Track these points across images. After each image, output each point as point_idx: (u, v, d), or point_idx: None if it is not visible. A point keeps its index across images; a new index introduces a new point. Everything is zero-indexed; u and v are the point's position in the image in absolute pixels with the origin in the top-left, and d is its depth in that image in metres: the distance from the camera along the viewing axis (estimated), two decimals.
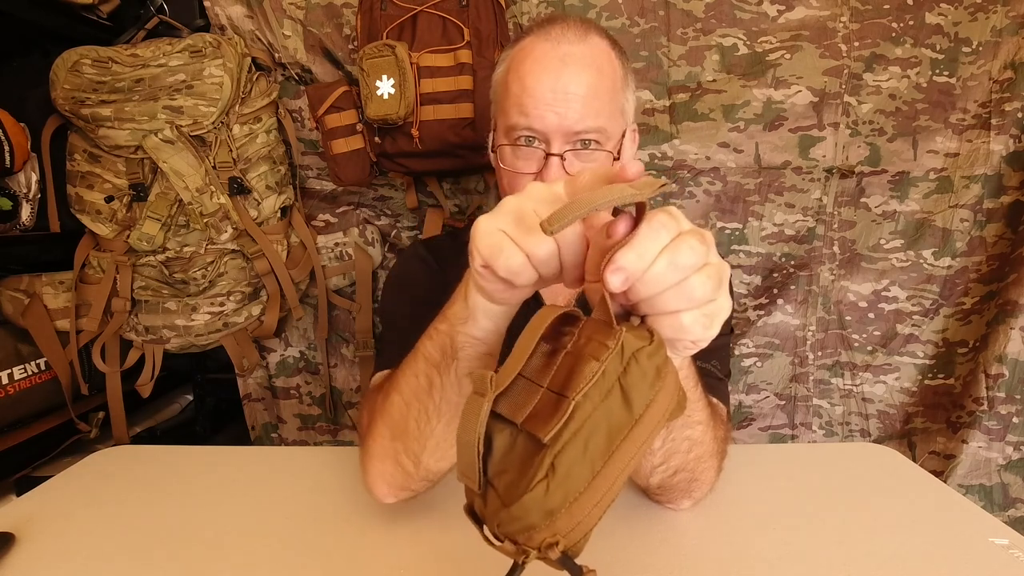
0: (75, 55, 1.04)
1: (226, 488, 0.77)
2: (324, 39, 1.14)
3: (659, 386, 0.30)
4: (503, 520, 0.28)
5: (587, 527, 0.28)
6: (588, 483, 0.28)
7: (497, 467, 0.30)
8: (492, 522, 0.29)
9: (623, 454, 0.28)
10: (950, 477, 1.17)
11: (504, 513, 0.28)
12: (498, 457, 0.30)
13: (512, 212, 0.38)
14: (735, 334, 1.23)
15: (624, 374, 0.29)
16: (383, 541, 0.64)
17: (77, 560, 0.62)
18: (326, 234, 1.25)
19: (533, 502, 0.27)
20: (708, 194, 1.19)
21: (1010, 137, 1.12)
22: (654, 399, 0.29)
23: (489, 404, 0.29)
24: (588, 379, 0.28)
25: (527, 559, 0.28)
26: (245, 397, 1.33)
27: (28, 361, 1.10)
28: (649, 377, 0.29)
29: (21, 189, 1.08)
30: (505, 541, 0.29)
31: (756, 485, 0.75)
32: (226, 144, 1.09)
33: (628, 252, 0.31)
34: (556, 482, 0.27)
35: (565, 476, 0.27)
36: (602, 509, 0.28)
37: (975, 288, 1.18)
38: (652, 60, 1.15)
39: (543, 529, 0.27)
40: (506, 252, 0.37)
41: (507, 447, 0.30)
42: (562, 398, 0.29)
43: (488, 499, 0.30)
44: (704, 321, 0.33)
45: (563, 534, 0.27)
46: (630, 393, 0.29)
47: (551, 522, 0.27)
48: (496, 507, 0.29)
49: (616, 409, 0.29)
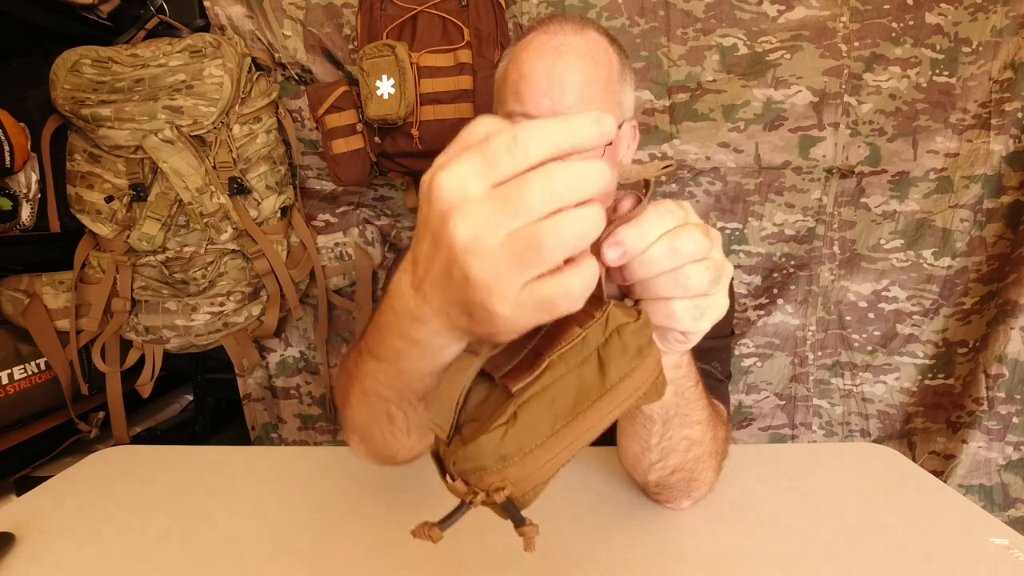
0: (75, 55, 1.04)
1: (226, 488, 0.77)
2: (324, 39, 1.14)
3: (636, 363, 0.30)
4: (459, 458, 0.29)
5: (536, 480, 0.29)
6: (546, 438, 0.29)
7: (468, 416, 0.31)
8: (450, 460, 0.30)
9: (586, 419, 0.29)
10: (950, 477, 1.17)
11: (460, 452, 0.29)
12: (471, 408, 0.31)
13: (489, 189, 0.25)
14: (735, 334, 1.23)
15: (604, 345, 0.30)
16: (383, 541, 0.64)
17: (77, 560, 0.62)
18: (326, 234, 1.25)
19: (489, 443, 0.28)
20: (708, 194, 1.19)
21: (1010, 137, 1.12)
22: (629, 375, 0.30)
23: (480, 363, 0.30)
24: (567, 342, 0.29)
25: (475, 500, 0.29)
26: (245, 397, 1.33)
27: (28, 361, 1.10)
28: (628, 352, 0.30)
29: (21, 189, 1.08)
30: (457, 480, 0.29)
31: (756, 485, 0.75)
32: (226, 144, 1.09)
33: (629, 229, 0.31)
34: (515, 430, 0.28)
35: (524, 427, 0.28)
36: (554, 467, 0.29)
37: (975, 288, 1.18)
38: (652, 60, 1.15)
39: (494, 473, 0.28)
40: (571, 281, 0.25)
41: (482, 399, 0.31)
42: (540, 357, 0.30)
43: (452, 442, 0.31)
44: (695, 312, 0.33)
45: (512, 481, 0.28)
46: (607, 364, 0.30)
47: (502, 467, 0.28)
48: (456, 446, 0.30)
49: (589, 376, 0.30)
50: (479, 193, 0.24)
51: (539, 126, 0.24)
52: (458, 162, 0.25)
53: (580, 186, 0.24)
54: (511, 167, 0.24)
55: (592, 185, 0.24)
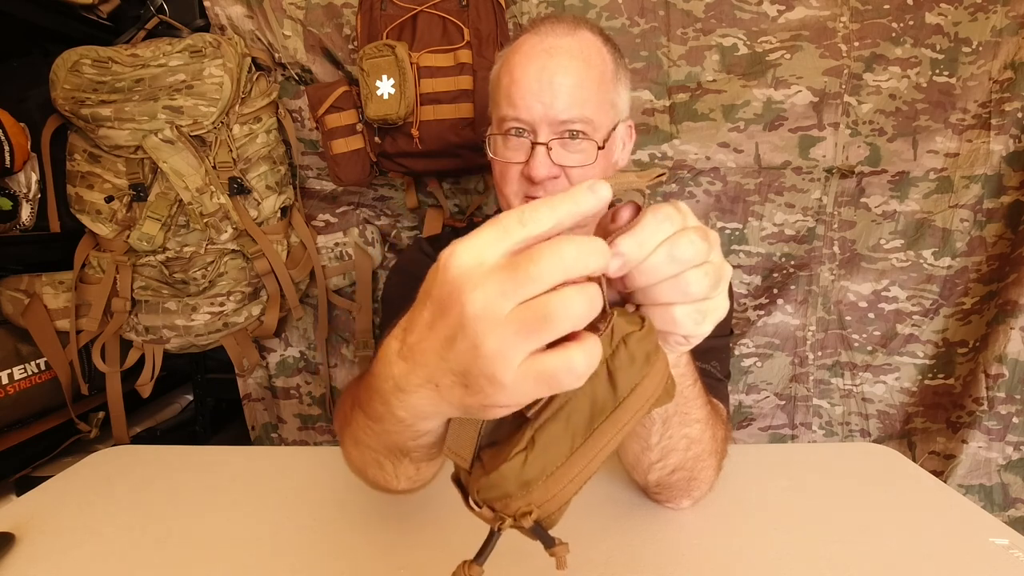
0: (75, 55, 1.04)
1: (226, 488, 0.77)
2: (324, 39, 1.14)
3: (646, 371, 0.30)
4: (482, 487, 0.29)
5: (562, 501, 0.29)
6: (566, 459, 0.29)
7: (484, 440, 0.31)
8: (473, 489, 0.30)
9: (603, 434, 0.29)
10: (950, 477, 1.17)
11: (484, 480, 0.29)
12: (486, 432, 0.31)
13: None
14: (735, 334, 1.23)
15: (612, 357, 0.30)
16: (383, 541, 0.64)
17: (77, 560, 0.62)
18: (326, 234, 1.25)
19: (511, 471, 0.28)
20: (708, 194, 1.19)
21: (1010, 137, 1.12)
22: (640, 383, 0.30)
23: None
24: None
25: (503, 526, 0.29)
26: (245, 397, 1.33)
27: (28, 361, 1.10)
28: (637, 362, 0.30)
29: (21, 189, 1.08)
30: (484, 507, 0.30)
31: (756, 485, 0.75)
32: (226, 144, 1.09)
33: (629, 239, 0.31)
34: (535, 455, 0.28)
35: (544, 450, 0.29)
36: (577, 485, 0.29)
37: (975, 288, 1.18)
38: (652, 60, 1.15)
39: (519, 498, 0.28)
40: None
41: (495, 422, 0.31)
42: None
43: (473, 469, 0.31)
44: (696, 317, 0.33)
45: (538, 505, 0.28)
46: (616, 375, 0.30)
47: (527, 492, 0.28)
48: (479, 475, 0.30)
49: (601, 390, 0.30)
50: (494, 263, 0.26)
51: (544, 201, 0.27)
52: (475, 235, 0.27)
53: (586, 259, 0.25)
54: (523, 235, 0.26)
55: (597, 259, 0.26)
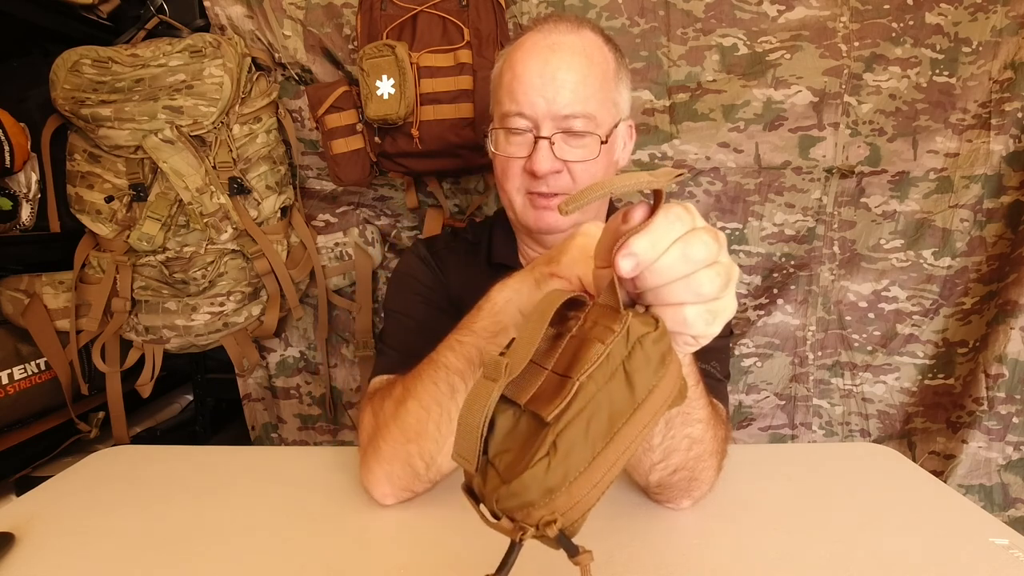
0: (75, 55, 1.04)
1: (226, 488, 0.77)
2: (324, 39, 1.14)
3: (663, 372, 0.30)
4: (502, 496, 0.28)
5: (585, 507, 0.28)
6: (588, 463, 0.28)
7: (499, 447, 0.30)
8: (491, 499, 0.29)
9: (624, 437, 0.29)
10: (950, 477, 1.17)
11: (503, 489, 0.28)
12: (500, 437, 0.30)
13: None
14: (735, 334, 1.23)
15: (628, 358, 0.29)
16: (383, 541, 0.64)
17: (77, 560, 0.62)
18: (326, 234, 1.25)
19: (533, 479, 0.27)
20: (708, 194, 1.19)
21: (1010, 137, 1.12)
22: (657, 385, 0.30)
23: (500, 390, 0.30)
24: (593, 361, 0.29)
25: (525, 536, 0.28)
26: (245, 397, 1.33)
27: (28, 361, 1.10)
28: (653, 363, 0.30)
29: (21, 189, 1.08)
30: (503, 518, 0.29)
31: (756, 485, 0.75)
32: (226, 144, 1.09)
33: (642, 239, 0.31)
34: (557, 460, 0.28)
35: (566, 455, 0.28)
36: (600, 490, 0.28)
37: (975, 288, 1.18)
38: (652, 60, 1.15)
39: (542, 507, 0.28)
40: None
41: (510, 427, 0.30)
42: (566, 379, 0.29)
43: (488, 477, 0.30)
44: (707, 317, 0.33)
45: (561, 512, 0.28)
46: (633, 377, 0.29)
47: (550, 500, 0.27)
48: (495, 484, 0.29)
49: (619, 392, 0.29)
50: None
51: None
52: None
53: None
54: None
55: None
